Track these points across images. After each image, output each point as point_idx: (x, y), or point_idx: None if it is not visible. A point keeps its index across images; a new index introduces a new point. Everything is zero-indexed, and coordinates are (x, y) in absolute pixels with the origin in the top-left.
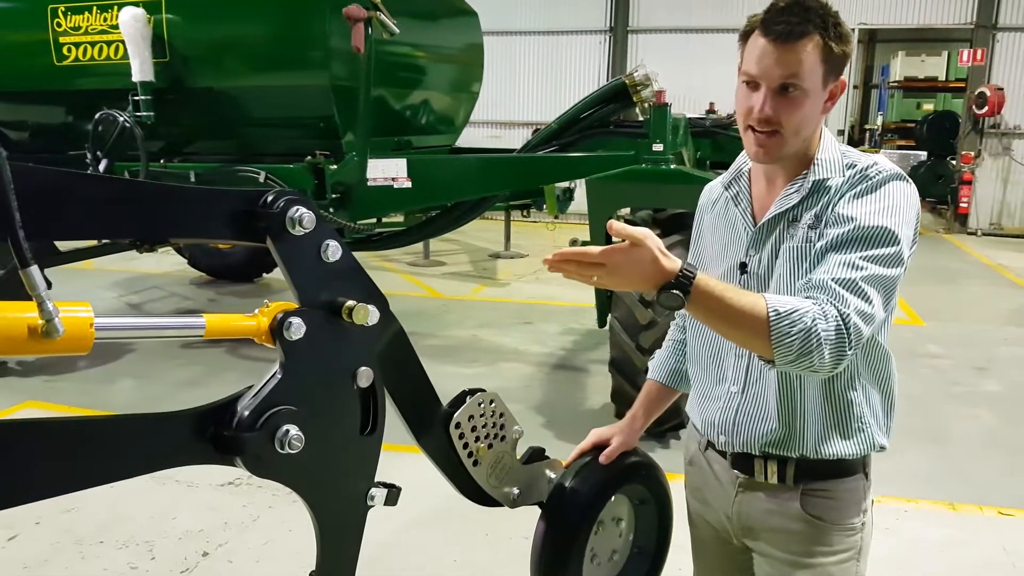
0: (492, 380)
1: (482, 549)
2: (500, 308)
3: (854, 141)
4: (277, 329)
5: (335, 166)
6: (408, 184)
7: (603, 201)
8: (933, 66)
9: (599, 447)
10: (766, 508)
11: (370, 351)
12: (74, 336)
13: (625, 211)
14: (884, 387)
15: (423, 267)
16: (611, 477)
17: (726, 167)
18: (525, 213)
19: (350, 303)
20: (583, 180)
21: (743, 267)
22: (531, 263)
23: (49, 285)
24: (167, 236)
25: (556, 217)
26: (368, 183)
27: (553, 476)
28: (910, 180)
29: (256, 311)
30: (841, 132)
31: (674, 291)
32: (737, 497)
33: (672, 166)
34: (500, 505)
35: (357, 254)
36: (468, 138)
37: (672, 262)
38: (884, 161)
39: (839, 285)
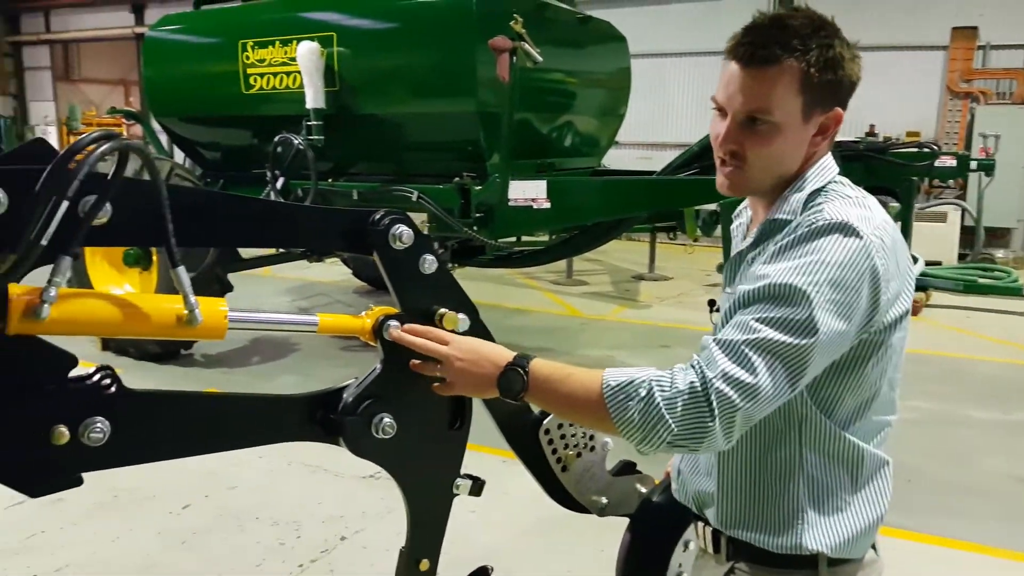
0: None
1: (593, 563)
2: (638, 330)
3: None
4: (378, 329)
5: (479, 187)
6: (547, 205)
7: None
8: None
9: None
10: (706, 573)
11: None
12: (211, 325)
13: None
14: (861, 489)
15: (565, 286)
16: None
17: (880, 193)
18: (671, 236)
19: (442, 310)
20: None
21: (711, 303)
22: (675, 286)
23: (231, 288)
24: (293, 247)
25: (695, 240)
26: (509, 203)
27: (644, 491)
28: (860, 234)
29: (363, 313)
30: None
31: (512, 373)
32: (697, 555)
33: None
34: (588, 512)
35: (500, 271)
36: (618, 159)
37: (508, 353)
38: (844, 208)
39: (718, 347)
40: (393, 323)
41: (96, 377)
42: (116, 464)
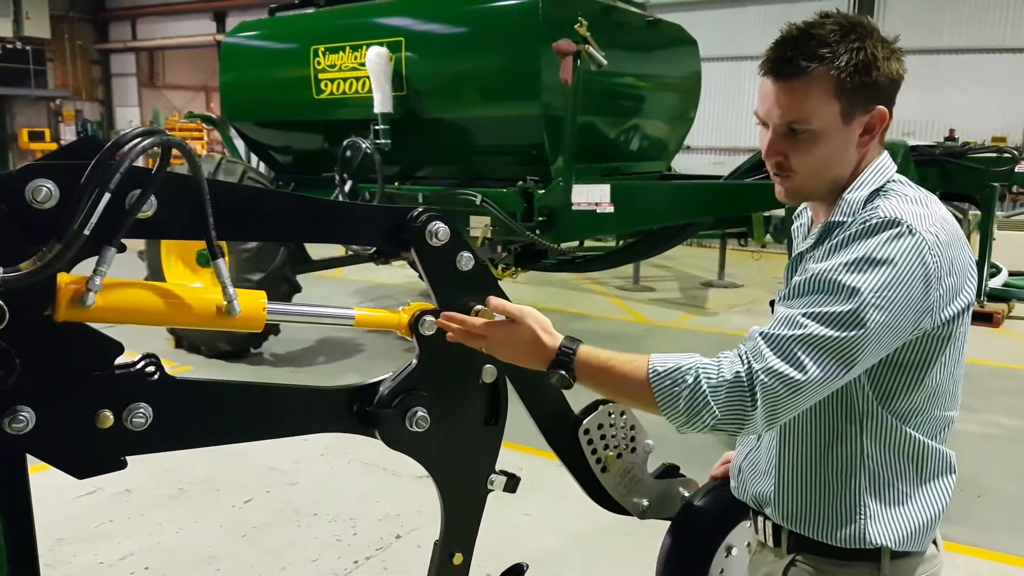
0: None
1: (647, 569)
2: (704, 337)
3: None
4: (414, 325)
5: (543, 191)
6: (611, 209)
7: None
8: None
9: None
10: (765, 568)
11: None
12: (249, 316)
13: None
14: (923, 483)
15: (631, 291)
16: (740, 502)
17: (956, 198)
18: (742, 242)
19: (478, 307)
20: None
21: (772, 304)
22: (744, 293)
23: (299, 289)
24: (334, 242)
25: (763, 246)
26: (572, 207)
27: (686, 494)
28: (916, 230)
29: (400, 308)
30: None
31: (559, 370)
32: (754, 550)
33: None
34: (629, 514)
35: (566, 275)
36: (690, 164)
37: (553, 339)
38: (900, 206)
39: (765, 340)
40: (429, 318)
41: (140, 364)
42: (158, 449)
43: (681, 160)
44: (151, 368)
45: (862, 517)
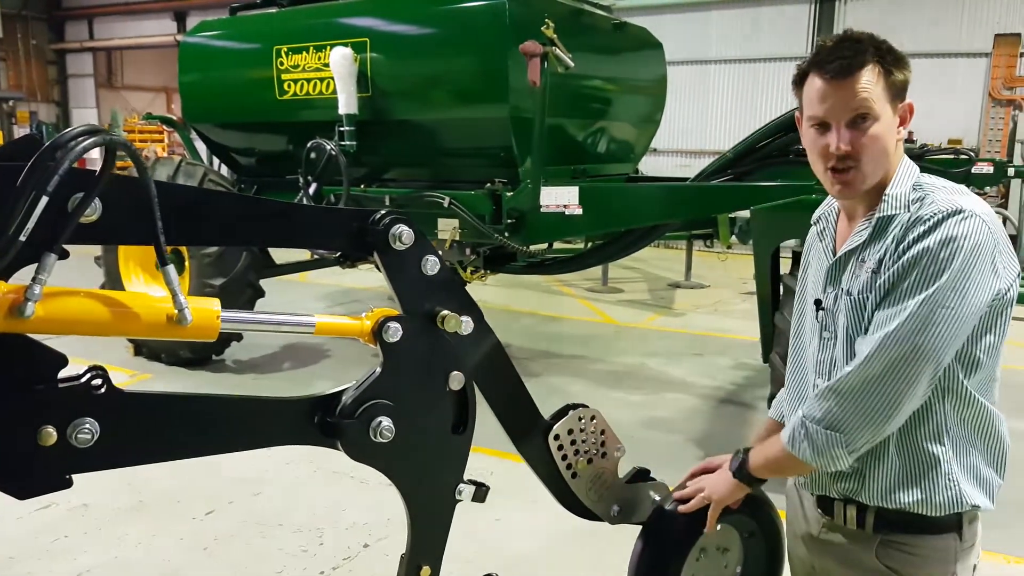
0: (655, 410)
1: (619, 572)
2: (673, 338)
3: None
4: (378, 331)
5: (511, 193)
6: (579, 211)
7: (768, 232)
8: None
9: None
10: (844, 553)
11: (463, 358)
12: (202, 325)
13: (792, 242)
14: (989, 444)
15: (600, 293)
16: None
17: None
18: (708, 243)
19: (444, 312)
20: None
21: (818, 303)
22: (711, 294)
23: (263, 294)
24: (292, 246)
25: (728, 247)
26: (541, 210)
27: (657, 498)
28: (972, 214)
29: (362, 315)
30: None
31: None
32: (819, 537)
33: None
34: (600, 520)
35: (536, 277)
36: (656, 166)
37: (726, 469)
38: (949, 194)
39: (868, 344)
40: (393, 324)
41: (86, 377)
42: (106, 466)
43: (647, 162)
44: (98, 381)
45: (954, 482)
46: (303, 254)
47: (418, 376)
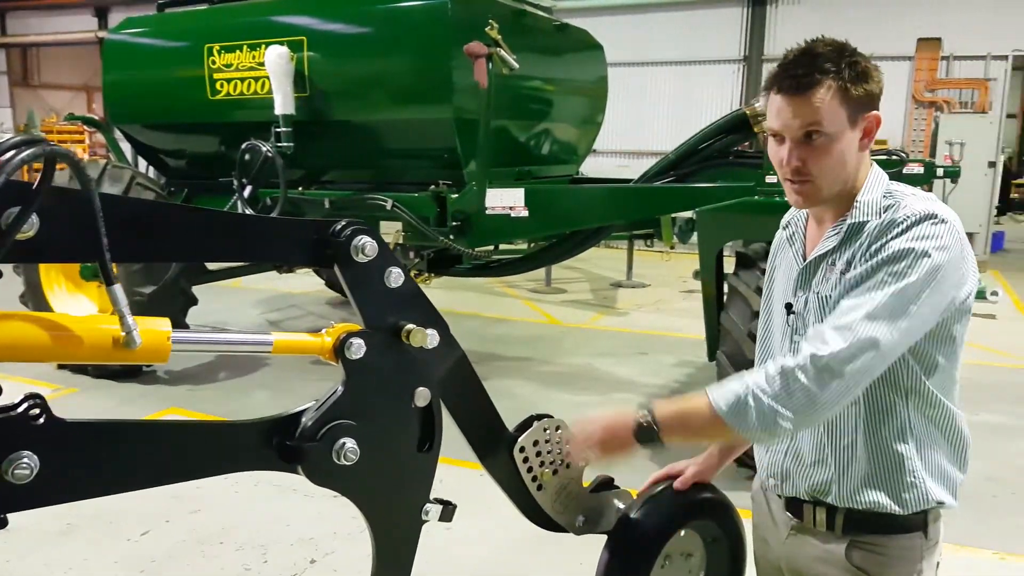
0: (602, 410)
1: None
2: (618, 337)
3: (1011, 173)
4: (339, 348)
5: (456, 195)
6: (525, 213)
7: (713, 232)
8: None
9: (670, 480)
10: (814, 555)
11: (429, 373)
12: (152, 347)
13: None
14: (951, 441)
15: (544, 294)
16: (676, 511)
17: None
18: (648, 243)
19: (409, 326)
20: None
21: (788, 307)
22: (652, 293)
23: (195, 302)
24: (247, 260)
25: (672, 248)
26: (487, 212)
27: (621, 506)
28: (945, 219)
29: (323, 331)
30: (992, 164)
31: (643, 430)
32: (788, 540)
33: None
34: (565, 531)
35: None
36: (597, 167)
37: (625, 411)
38: (920, 201)
39: (833, 329)
40: (356, 340)
41: (22, 407)
42: (47, 502)
43: (588, 163)
44: (35, 411)
45: (920, 480)
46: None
47: (383, 394)
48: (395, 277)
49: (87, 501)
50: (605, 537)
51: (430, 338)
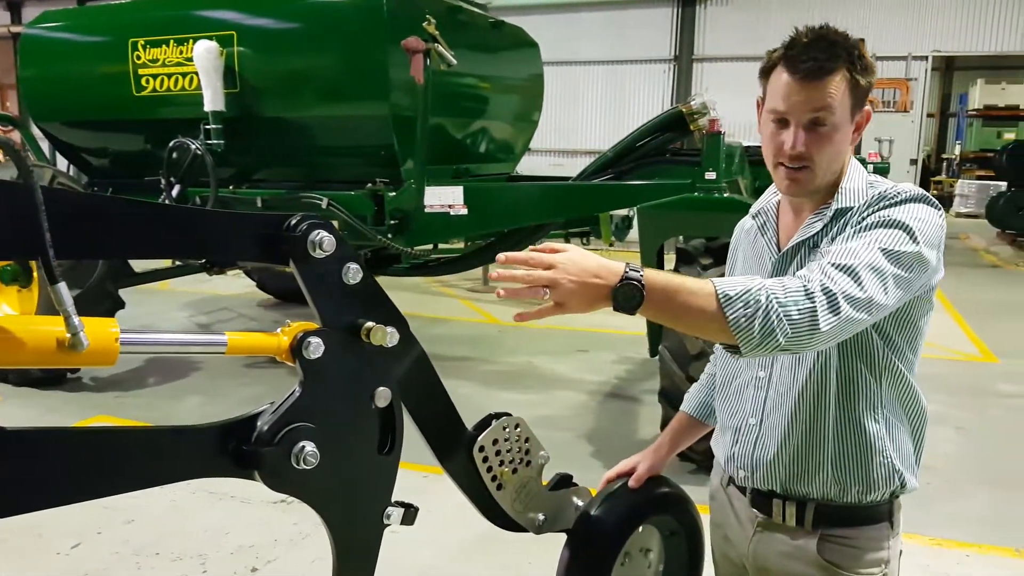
0: (545, 408)
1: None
2: (557, 335)
3: (930, 171)
4: (296, 348)
5: (393, 193)
6: (464, 211)
7: (654, 229)
8: (1015, 94)
9: (627, 477)
10: (783, 551)
11: (389, 372)
12: (99, 349)
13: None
14: (914, 422)
15: (481, 293)
16: (637, 507)
17: None
18: (585, 241)
19: (369, 324)
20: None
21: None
22: None
23: (122, 305)
24: (195, 257)
25: (611, 245)
26: (425, 210)
27: (580, 504)
28: (938, 206)
29: (278, 331)
30: (914, 162)
31: (628, 285)
32: (755, 537)
33: (725, 195)
34: (525, 531)
35: (416, 279)
36: (531, 166)
37: (612, 263)
38: (911, 186)
39: (833, 267)
40: (314, 339)
41: None
42: None
43: (522, 162)
44: None
45: (888, 459)
46: (164, 261)
47: (342, 395)
48: (353, 273)
49: None
50: (557, 536)
51: (390, 336)
